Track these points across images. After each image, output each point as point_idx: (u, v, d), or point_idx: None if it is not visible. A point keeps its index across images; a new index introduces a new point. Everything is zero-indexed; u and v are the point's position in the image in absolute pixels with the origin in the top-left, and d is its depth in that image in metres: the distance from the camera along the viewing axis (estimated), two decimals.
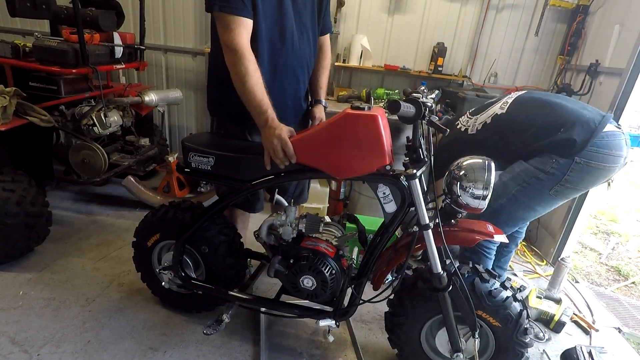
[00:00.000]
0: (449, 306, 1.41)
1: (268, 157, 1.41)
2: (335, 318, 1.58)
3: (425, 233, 1.34)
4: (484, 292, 1.41)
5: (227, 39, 1.37)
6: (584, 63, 2.79)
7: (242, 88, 1.38)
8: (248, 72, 1.36)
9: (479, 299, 1.41)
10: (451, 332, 1.45)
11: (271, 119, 1.38)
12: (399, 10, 3.17)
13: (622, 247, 3.60)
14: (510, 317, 1.43)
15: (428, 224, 1.33)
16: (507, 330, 1.44)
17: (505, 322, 1.43)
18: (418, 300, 1.52)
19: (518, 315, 1.43)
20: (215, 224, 1.70)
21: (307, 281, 1.53)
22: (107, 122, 2.53)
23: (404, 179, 1.32)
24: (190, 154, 1.53)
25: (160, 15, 3.41)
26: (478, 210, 1.35)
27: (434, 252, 1.36)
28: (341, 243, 1.62)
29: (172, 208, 1.75)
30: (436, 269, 1.38)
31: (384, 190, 1.39)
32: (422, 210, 1.32)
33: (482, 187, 1.31)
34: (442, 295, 1.40)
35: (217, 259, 1.70)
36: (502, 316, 1.43)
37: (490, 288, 1.42)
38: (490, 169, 1.31)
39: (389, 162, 1.32)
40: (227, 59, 1.40)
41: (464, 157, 1.38)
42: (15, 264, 2.18)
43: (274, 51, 1.53)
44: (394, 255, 1.49)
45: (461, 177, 1.33)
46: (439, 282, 1.38)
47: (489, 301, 1.41)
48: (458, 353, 1.46)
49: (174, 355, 1.71)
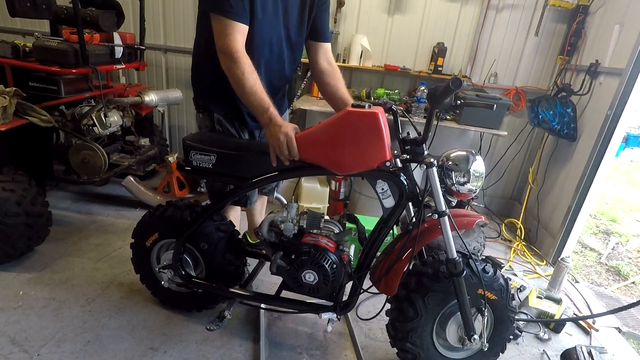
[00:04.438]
0: (464, 290, 1.44)
1: (274, 154, 1.42)
2: (337, 311, 1.61)
3: (442, 220, 1.38)
4: (479, 270, 1.49)
5: (223, 44, 1.40)
6: (584, 63, 2.79)
7: (241, 90, 1.41)
8: (245, 74, 1.38)
9: (479, 278, 1.49)
10: (466, 318, 1.49)
11: (274, 117, 1.39)
12: (399, 10, 3.17)
13: (622, 247, 3.60)
14: (502, 288, 1.53)
15: (445, 211, 1.37)
16: (502, 300, 1.54)
17: (500, 293, 1.53)
18: (429, 296, 1.52)
19: (506, 284, 1.54)
20: (212, 221, 1.71)
21: (309, 276, 1.55)
22: (107, 122, 2.53)
23: (424, 166, 1.35)
24: (192, 152, 1.54)
25: (160, 15, 3.41)
26: (468, 195, 1.45)
27: (449, 238, 1.40)
28: (340, 238, 1.64)
29: (170, 207, 1.75)
30: (452, 255, 1.42)
31: (382, 185, 1.43)
32: (440, 197, 1.36)
33: (462, 175, 1.42)
34: (458, 280, 1.43)
35: (217, 255, 1.71)
36: (497, 289, 1.52)
37: (481, 266, 1.52)
38: (474, 159, 1.42)
39: (389, 158, 1.35)
40: (223, 63, 1.42)
41: (450, 150, 1.48)
42: (15, 264, 2.18)
43: (264, 60, 1.57)
44: (400, 257, 1.47)
45: (450, 167, 1.43)
46: (455, 268, 1.42)
47: (486, 278, 1.50)
48: (473, 335, 1.50)
49: (174, 355, 1.71)
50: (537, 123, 2.89)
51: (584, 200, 2.65)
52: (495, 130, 2.80)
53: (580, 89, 2.75)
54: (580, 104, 2.79)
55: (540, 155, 3.23)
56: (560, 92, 2.84)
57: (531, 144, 3.40)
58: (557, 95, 2.85)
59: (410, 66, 3.27)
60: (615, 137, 2.48)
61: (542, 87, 3.21)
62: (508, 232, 3.26)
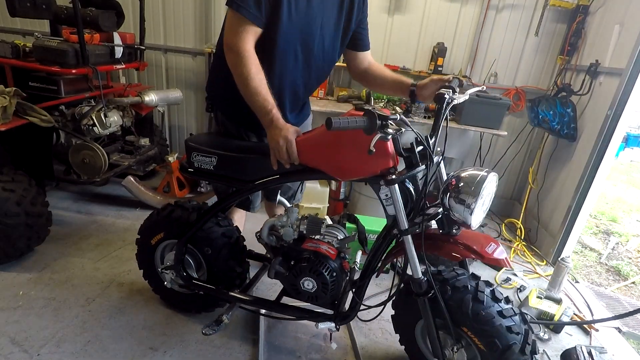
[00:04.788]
0: (428, 312, 1.38)
1: (274, 158, 1.39)
2: (336, 321, 1.56)
3: (405, 238, 1.31)
4: (472, 312, 1.31)
5: (231, 41, 1.36)
6: (584, 63, 2.79)
7: (245, 90, 1.37)
8: (251, 73, 1.34)
9: (464, 316, 1.32)
10: (432, 339, 1.42)
11: (276, 119, 1.36)
12: (399, 10, 3.17)
13: (622, 247, 3.60)
14: (497, 347, 1.29)
15: (407, 229, 1.30)
16: (493, 358, 1.32)
17: (491, 348, 1.31)
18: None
19: (507, 347, 1.28)
20: (219, 226, 1.70)
21: (308, 283, 1.52)
22: (107, 122, 2.53)
23: (383, 182, 1.27)
24: (193, 154, 1.53)
25: (160, 15, 3.41)
26: (466, 225, 1.28)
27: (413, 258, 1.33)
28: (343, 245, 1.60)
29: (178, 207, 1.74)
30: (416, 274, 1.35)
31: (386, 192, 1.34)
32: (402, 215, 1.29)
33: (466, 205, 1.22)
34: (421, 299, 1.38)
35: (220, 261, 1.70)
36: (487, 342, 1.31)
37: (480, 311, 1.31)
38: (481, 184, 1.22)
39: (392, 165, 1.28)
40: (229, 60, 1.39)
41: (462, 168, 1.30)
42: (15, 264, 2.18)
43: (287, 69, 1.52)
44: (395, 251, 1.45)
45: (454, 190, 1.25)
46: (419, 287, 1.36)
47: (476, 322, 1.31)
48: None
49: (174, 355, 1.71)
50: (537, 123, 2.89)
51: (584, 200, 2.65)
52: (495, 130, 2.80)
53: (580, 89, 2.75)
54: (580, 104, 2.79)
55: (540, 155, 3.23)
56: (560, 92, 2.84)
57: (531, 144, 3.40)
58: (557, 95, 2.85)
59: (410, 66, 3.27)
60: (615, 137, 2.48)
61: (542, 87, 3.21)
62: (508, 232, 3.26)
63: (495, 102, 2.74)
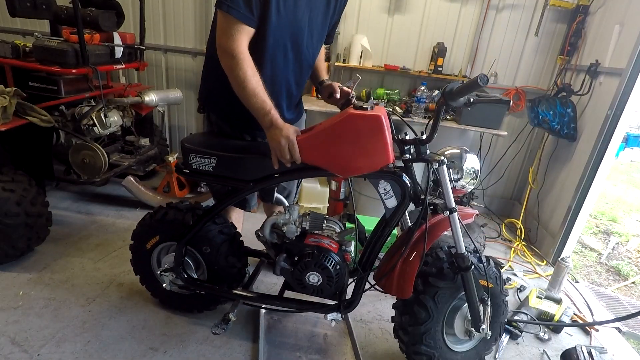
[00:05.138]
0: (472, 284, 1.48)
1: (275, 157, 1.39)
2: (341, 310, 1.61)
3: (451, 217, 1.41)
4: (477, 262, 1.54)
5: (224, 44, 1.35)
6: (584, 63, 2.79)
7: (242, 93, 1.36)
8: (247, 76, 1.34)
9: (481, 269, 1.54)
10: (475, 310, 1.52)
11: (276, 120, 1.36)
12: (399, 10, 3.17)
13: (622, 247, 3.60)
14: (496, 275, 1.61)
15: (454, 207, 1.40)
16: (497, 287, 1.61)
17: (495, 280, 1.60)
18: (438, 295, 1.52)
19: (498, 270, 1.62)
20: (215, 224, 1.70)
21: (313, 277, 1.55)
22: (107, 122, 2.53)
23: (435, 164, 1.37)
24: (191, 155, 1.52)
25: (160, 15, 3.41)
26: (463, 191, 1.52)
27: (459, 234, 1.43)
28: (342, 238, 1.64)
29: (172, 209, 1.73)
30: (461, 250, 1.45)
31: (385, 186, 1.43)
32: (449, 194, 1.40)
33: (456, 171, 1.48)
34: (467, 274, 1.47)
35: (220, 258, 1.70)
36: (493, 277, 1.59)
37: (477, 258, 1.56)
38: (465, 158, 1.48)
39: (392, 160, 1.35)
40: (223, 63, 1.37)
41: (444, 148, 1.53)
42: (15, 264, 2.18)
43: (279, 66, 1.52)
44: (409, 254, 1.47)
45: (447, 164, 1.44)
46: (464, 262, 1.45)
47: (484, 269, 1.56)
48: (482, 326, 1.53)
49: (174, 355, 1.71)
50: (537, 123, 2.89)
51: (584, 200, 2.65)
52: (495, 130, 2.80)
53: (580, 89, 2.75)
54: (580, 104, 2.79)
55: (540, 155, 3.23)
56: (560, 92, 2.84)
57: (531, 144, 3.40)
58: (557, 95, 2.85)
59: (410, 66, 3.27)
60: (615, 137, 2.48)
61: (542, 87, 3.21)
62: (508, 232, 3.26)
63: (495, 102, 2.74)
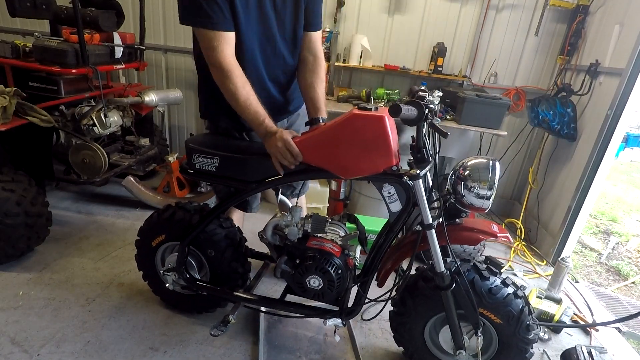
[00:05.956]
0: (451, 304, 1.43)
1: (277, 163, 1.40)
2: (342, 317, 1.59)
3: (428, 233, 1.35)
4: (484, 290, 1.43)
5: (211, 57, 1.37)
6: (584, 63, 2.79)
7: (235, 104, 1.40)
8: (237, 88, 1.36)
9: (480, 296, 1.42)
10: (454, 330, 1.47)
11: (270, 127, 1.39)
12: (399, 10, 3.17)
13: (622, 247, 3.60)
14: (512, 314, 1.43)
15: (431, 224, 1.34)
16: (510, 327, 1.45)
17: (507, 319, 1.43)
18: (420, 299, 1.53)
19: (520, 312, 1.43)
20: (222, 228, 1.70)
21: (314, 281, 1.53)
22: (107, 122, 2.53)
23: (407, 178, 1.32)
24: (194, 155, 1.52)
25: (160, 15, 3.41)
26: (482, 210, 1.38)
27: (437, 251, 1.37)
28: (346, 242, 1.62)
29: (180, 209, 1.73)
30: (439, 268, 1.39)
31: (389, 189, 1.39)
32: (426, 210, 1.33)
33: (487, 187, 1.33)
34: (444, 293, 1.41)
35: (223, 263, 1.70)
36: (503, 313, 1.43)
37: (491, 285, 1.44)
38: (494, 169, 1.33)
39: (395, 163, 1.31)
40: (215, 77, 1.40)
41: (468, 157, 1.40)
42: (15, 264, 2.18)
43: (255, 61, 1.52)
44: (399, 253, 1.50)
45: (466, 176, 1.35)
46: (442, 281, 1.40)
47: (490, 299, 1.42)
48: (460, 350, 1.48)
49: (174, 355, 1.71)
50: (537, 123, 2.89)
51: (584, 200, 2.65)
52: (495, 130, 2.80)
53: (580, 89, 2.75)
54: (580, 104, 2.79)
55: (540, 155, 3.23)
56: (560, 92, 2.84)
57: (531, 144, 3.40)
58: (557, 95, 2.85)
59: (410, 66, 3.27)
60: (615, 137, 2.48)
61: (542, 87, 3.21)
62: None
63: (495, 102, 2.74)
